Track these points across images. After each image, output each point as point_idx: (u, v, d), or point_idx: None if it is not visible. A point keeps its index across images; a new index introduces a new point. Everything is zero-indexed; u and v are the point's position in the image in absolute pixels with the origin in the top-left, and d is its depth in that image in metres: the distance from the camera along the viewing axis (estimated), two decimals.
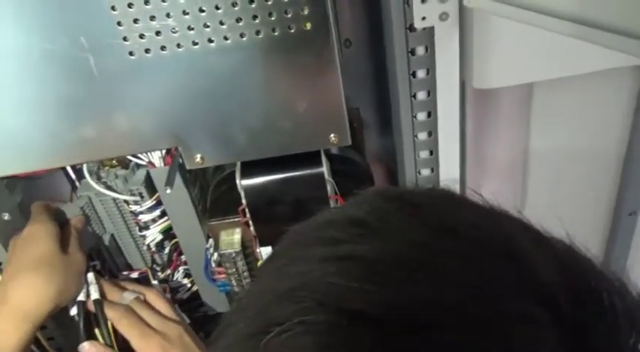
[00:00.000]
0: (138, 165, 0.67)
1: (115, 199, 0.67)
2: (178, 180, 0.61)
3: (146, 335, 0.56)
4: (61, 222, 0.61)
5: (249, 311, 0.24)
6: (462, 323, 0.21)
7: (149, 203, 0.66)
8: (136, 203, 0.66)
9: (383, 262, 0.22)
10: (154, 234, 0.69)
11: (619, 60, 0.50)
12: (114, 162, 0.66)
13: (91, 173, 0.64)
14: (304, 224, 0.28)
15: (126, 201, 0.66)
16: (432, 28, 0.48)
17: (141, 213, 0.67)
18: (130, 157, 0.64)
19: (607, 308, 0.23)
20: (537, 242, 0.25)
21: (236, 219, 0.62)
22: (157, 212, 0.67)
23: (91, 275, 0.60)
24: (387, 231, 0.24)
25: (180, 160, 0.61)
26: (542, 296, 0.22)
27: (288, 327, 0.21)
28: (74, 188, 0.69)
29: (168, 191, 0.58)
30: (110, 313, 0.58)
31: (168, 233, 0.69)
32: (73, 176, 0.69)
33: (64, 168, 0.68)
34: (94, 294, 0.59)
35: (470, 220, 0.25)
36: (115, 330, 0.58)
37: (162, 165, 0.61)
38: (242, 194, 0.59)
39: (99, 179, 0.65)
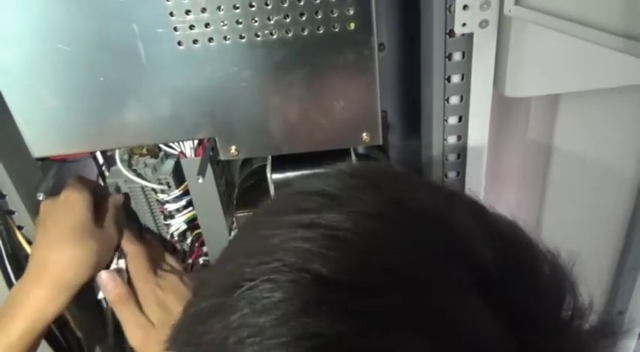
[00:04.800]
0: (167, 155, 0.68)
1: (143, 187, 0.68)
2: (208, 171, 0.63)
3: (147, 279, 0.59)
4: (101, 195, 0.62)
5: (227, 267, 0.28)
6: (406, 283, 0.25)
7: (176, 192, 0.68)
8: (163, 192, 0.68)
9: (342, 229, 0.26)
10: (178, 224, 0.70)
11: None
12: (144, 151, 0.68)
13: (122, 160, 0.66)
14: (279, 193, 0.32)
15: (153, 190, 0.68)
16: (470, 35, 0.50)
17: (167, 202, 0.68)
18: (162, 146, 0.65)
19: (535, 275, 0.27)
20: (480, 218, 0.29)
21: None
22: (183, 202, 0.69)
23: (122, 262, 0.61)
24: (348, 203, 0.28)
25: (211, 152, 0.63)
26: (475, 265, 0.26)
27: (257, 284, 0.25)
28: (102, 174, 0.71)
29: (200, 180, 0.59)
30: (129, 247, 0.61)
31: (192, 223, 0.71)
32: (102, 162, 0.70)
33: (93, 155, 0.69)
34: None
35: (420, 197, 0.29)
36: None
37: (193, 155, 0.63)
38: (271, 187, 0.60)
39: (129, 166, 0.66)
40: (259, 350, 0.23)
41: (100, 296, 0.60)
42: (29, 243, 0.60)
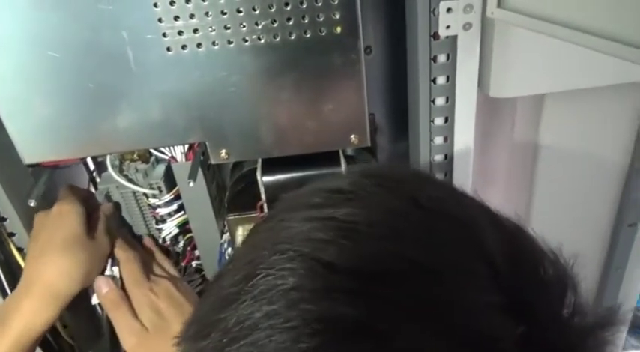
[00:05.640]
0: (158, 160, 0.69)
1: (134, 192, 0.69)
2: (199, 175, 0.63)
3: (140, 284, 0.59)
4: (92, 206, 0.62)
5: (243, 259, 0.29)
6: (416, 272, 0.25)
7: (167, 197, 0.68)
8: (154, 196, 0.68)
9: (356, 222, 0.27)
10: (170, 228, 0.70)
11: (628, 75, 0.53)
12: (135, 156, 0.68)
13: (113, 166, 0.66)
14: (294, 192, 0.33)
15: (145, 195, 0.68)
16: (455, 37, 0.51)
17: (158, 206, 0.69)
18: (153, 151, 0.66)
19: (539, 271, 0.28)
20: (490, 218, 0.30)
21: (253, 215, 0.64)
22: (174, 206, 0.69)
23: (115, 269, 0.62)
24: (364, 199, 0.29)
25: (202, 156, 0.63)
26: (485, 258, 0.27)
27: (271, 273, 0.26)
28: (93, 180, 0.71)
29: (191, 184, 0.60)
30: (120, 253, 0.61)
31: (183, 227, 0.71)
32: (93, 168, 0.71)
33: (84, 161, 0.70)
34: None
35: (434, 195, 0.30)
36: None
37: (183, 160, 0.64)
38: (262, 190, 0.61)
39: (120, 172, 0.67)
40: (271, 334, 0.24)
41: (95, 301, 0.61)
42: (20, 250, 0.61)
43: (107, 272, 0.60)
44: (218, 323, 0.26)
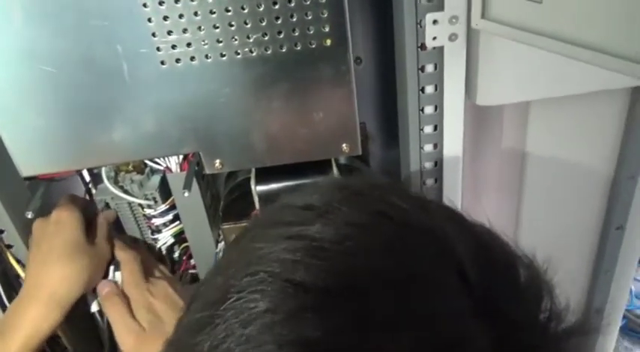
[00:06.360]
0: (153, 171, 0.70)
1: (129, 203, 0.69)
2: (194, 185, 0.64)
3: (138, 285, 0.60)
4: (91, 214, 0.64)
5: (216, 281, 0.29)
6: (386, 286, 0.26)
7: (162, 207, 0.69)
8: (149, 207, 0.69)
9: (325, 240, 0.27)
10: (165, 238, 0.71)
11: (611, 82, 0.55)
12: (130, 167, 0.69)
13: (108, 178, 0.67)
14: (266, 209, 0.33)
15: (140, 205, 0.69)
16: (441, 48, 0.52)
17: (154, 216, 0.70)
18: (147, 162, 0.67)
19: (513, 276, 0.28)
20: (460, 225, 0.31)
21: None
22: (170, 216, 0.70)
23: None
24: (332, 215, 0.29)
25: (196, 167, 0.64)
26: (455, 266, 0.27)
27: (243, 296, 0.26)
28: (89, 192, 0.72)
29: (186, 194, 0.61)
30: (121, 254, 0.62)
31: (179, 237, 0.72)
32: (88, 180, 0.72)
33: (79, 173, 0.71)
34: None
35: (402, 207, 0.30)
36: None
37: (178, 170, 0.65)
38: (256, 199, 0.62)
39: (116, 183, 0.68)
40: None
41: (94, 309, 0.62)
42: (18, 262, 0.61)
43: (109, 278, 0.61)
44: (193, 348, 0.26)
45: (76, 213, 0.60)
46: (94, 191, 0.71)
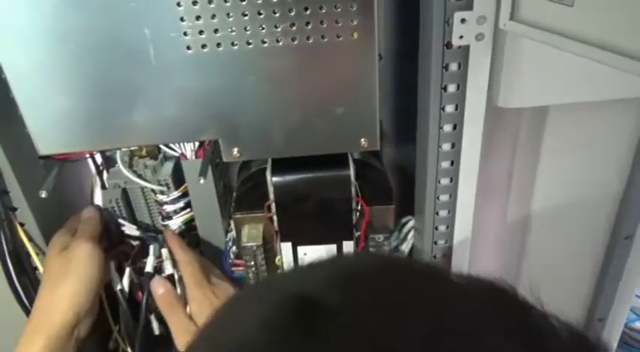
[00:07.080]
0: (166, 157, 0.70)
1: (142, 188, 0.69)
2: (208, 173, 0.64)
3: (201, 285, 0.61)
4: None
5: None
6: None
7: (175, 194, 0.69)
8: (162, 193, 0.69)
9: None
10: (176, 224, 0.71)
11: (636, 90, 0.55)
12: (143, 152, 0.69)
13: (122, 162, 0.67)
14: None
15: (153, 191, 0.69)
16: (467, 47, 0.52)
17: (166, 203, 0.70)
18: (162, 148, 0.67)
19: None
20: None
21: (260, 214, 0.65)
22: (181, 203, 0.70)
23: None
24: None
25: (211, 154, 0.64)
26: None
27: None
28: (100, 174, 0.72)
29: (202, 181, 0.61)
30: (180, 255, 0.64)
31: (189, 224, 0.72)
32: (100, 162, 0.71)
33: (91, 155, 0.70)
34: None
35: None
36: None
37: (193, 157, 0.65)
38: (271, 190, 0.62)
39: (130, 167, 0.68)
40: None
41: (118, 287, 0.62)
42: (30, 239, 0.61)
43: (166, 272, 0.63)
44: None
45: (97, 251, 0.60)
46: (105, 173, 0.71)
